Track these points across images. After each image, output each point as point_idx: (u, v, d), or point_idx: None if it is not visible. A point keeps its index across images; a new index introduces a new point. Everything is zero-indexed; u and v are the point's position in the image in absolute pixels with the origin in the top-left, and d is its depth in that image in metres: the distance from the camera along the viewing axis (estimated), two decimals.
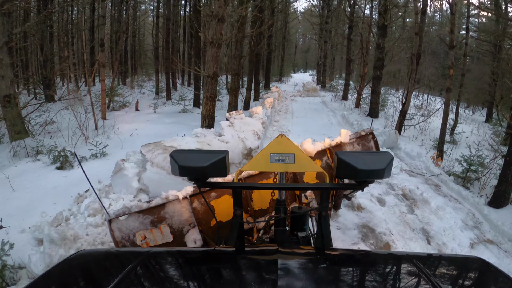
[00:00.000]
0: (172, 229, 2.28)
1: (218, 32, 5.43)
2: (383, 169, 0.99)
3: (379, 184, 4.80)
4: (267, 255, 1.02)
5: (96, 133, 8.48)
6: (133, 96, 15.06)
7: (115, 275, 0.79)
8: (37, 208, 3.99)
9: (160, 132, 7.78)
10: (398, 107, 12.73)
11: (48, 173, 5.64)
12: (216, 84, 6.00)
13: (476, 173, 5.63)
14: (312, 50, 45.66)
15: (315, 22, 23.96)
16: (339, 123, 9.93)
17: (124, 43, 18.39)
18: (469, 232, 3.98)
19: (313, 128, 8.58)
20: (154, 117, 9.20)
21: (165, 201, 2.30)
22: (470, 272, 0.96)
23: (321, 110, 12.35)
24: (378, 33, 10.42)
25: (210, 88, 5.91)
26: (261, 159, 1.28)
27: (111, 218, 2.22)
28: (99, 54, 9.40)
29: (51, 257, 2.99)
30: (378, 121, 10.53)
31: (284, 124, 8.84)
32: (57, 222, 3.71)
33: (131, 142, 7.52)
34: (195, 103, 11.66)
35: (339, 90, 19.85)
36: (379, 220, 3.77)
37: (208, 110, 6.02)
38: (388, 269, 0.96)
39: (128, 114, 10.86)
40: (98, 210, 3.77)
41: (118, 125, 9.01)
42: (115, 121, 9.63)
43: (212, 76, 5.76)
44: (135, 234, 2.22)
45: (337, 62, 27.88)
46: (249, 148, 4.58)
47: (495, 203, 4.71)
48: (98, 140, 6.82)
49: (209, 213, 2.27)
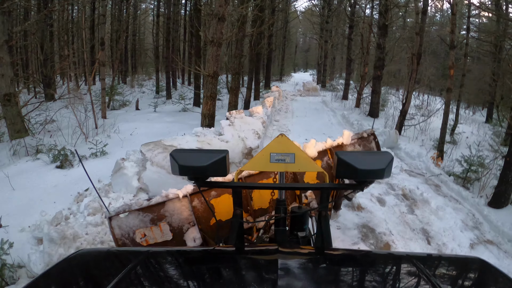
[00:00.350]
0: (172, 227, 2.27)
1: (219, 31, 5.43)
2: (383, 169, 0.99)
3: (379, 184, 4.80)
4: (267, 255, 1.02)
5: (96, 132, 8.48)
6: (133, 95, 15.06)
7: (115, 275, 0.79)
8: (37, 207, 3.98)
9: (160, 131, 7.76)
10: (398, 107, 12.73)
11: (48, 172, 5.63)
12: (216, 83, 5.99)
13: (476, 174, 5.63)
14: (313, 50, 45.61)
15: (315, 21, 23.95)
16: (339, 122, 9.92)
17: (124, 42, 18.39)
18: (469, 233, 3.97)
19: (313, 127, 8.58)
20: (154, 116, 9.20)
21: (165, 199, 2.29)
22: (470, 273, 0.96)
23: (321, 109, 12.35)
24: (379, 33, 10.41)
25: (210, 87, 5.90)
26: (261, 158, 1.29)
27: (111, 215, 2.20)
28: (100, 53, 9.39)
29: (51, 256, 2.99)
30: (378, 121, 10.52)
31: (284, 123, 8.84)
32: (57, 221, 3.71)
33: (131, 141, 7.51)
34: (195, 102, 11.66)
35: (340, 90, 19.82)
36: (379, 220, 3.76)
37: (208, 109, 6.01)
38: (388, 269, 0.96)
39: (128, 113, 10.85)
40: (98, 209, 3.76)
41: (118, 124, 9.00)
42: (115, 120, 9.62)
43: (213, 75, 5.75)
44: (134, 231, 2.22)
45: (337, 62, 27.86)
46: (249, 147, 4.57)
47: (495, 204, 4.71)
48: (98, 139, 6.82)
49: (209, 212, 2.27)
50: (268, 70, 18.57)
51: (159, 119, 8.19)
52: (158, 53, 16.36)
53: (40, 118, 8.66)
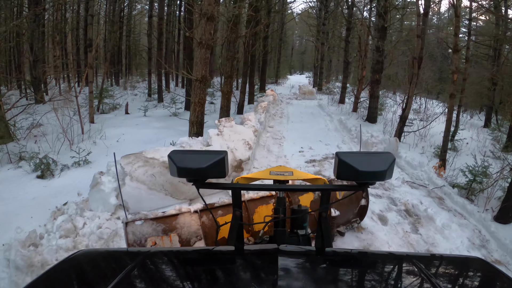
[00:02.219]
0: (181, 238, 2.45)
1: (208, 32, 5.02)
2: (385, 171, 0.96)
3: (380, 199, 4.47)
4: (266, 255, 1.02)
5: (82, 137, 8.09)
6: (125, 97, 14.67)
7: (115, 275, 0.79)
8: (13, 222, 3.73)
9: (148, 137, 7.42)
10: (396, 111, 12.45)
11: (28, 182, 5.36)
12: (205, 88, 5.57)
13: (480, 184, 5.33)
14: (309, 52, 45.58)
15: (312, 23, 23.69)
16: (336, 128, 9.59)
17: (117, 43, 17.96)
18: (476, 253, 3.68)
19: (309, 134, 8.20)
20: (143, 121, 8.82)
21: (178, 212, 2.53)
22: (470, 272, 0.96)
23: (317, 114, 12.00)
24: (378, 35, 10.07)
25: (198, 92, 5.48)
26: (261, 174, 1.42)
27: (128, 221, 2.38)
28: (88, 55, 8.97)
29: (18, 286, 2.69)
30: (376, 126, 10.23)
31: (278, 129, 8.47)
32: (30, 241, 3.37)
33: (117, 148, 7.16)
34: (187, 106, 11.28)
35: (336, 93, 19.59)
36: (381, 242, 3.43)
37: (196, 116, 5.60)
38: (388, 269, 0.95)
39: (117, 117, 10.47)
40: (70, 230, 3.40)
41: (106, 129, 8.63)
42: (103, 124, 9.24)
43: (201, 80, 5.34)
44: (146, 239, 2.37)
45: (333, 64, 27.58)
46: (239, 159, 4.22)
47: (503, 219, 4.41)
48: (82, 147, 6.49)
49: (215, 229, 2.36)
50: (263, 72, 18.22)
51: (147, 124, 7.80)
52: (151, 55, 15.95)
53: (27, 122, 8.31)
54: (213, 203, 2.68)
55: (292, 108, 13.00)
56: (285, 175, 1.36)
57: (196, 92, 5.53)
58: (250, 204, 2.68)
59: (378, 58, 10.13)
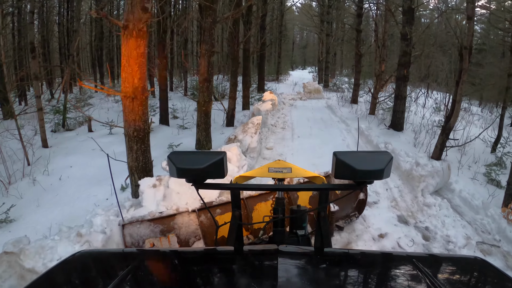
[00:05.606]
0: (179, 239, 2.43)
1: (140, 6, 2.83)
2: (383, 170, 0.93)
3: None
4: (266, 255, 1.01)
5: (23, 173, 6.05)
6: (105, 105, 12.65)
7: (115, 275, 0.78)
8: None
9: (98, 172, 5.41)
10: (420, 113, 10.25)
11: None
12: (141, 108, 3.28)
13: None
14: (311, 46, 43.35)
15: (314, 13, 21.42)
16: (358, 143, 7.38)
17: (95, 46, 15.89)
18: None
19: (324, 158, 5.50)
20: (104, 143, 6.76)
21: (176, 212, 2.49)
22: (470, 272, 0.94)
23: (329, 120, 9.79)
24: (404, 20, 7.83)
25: (131, 117, 3.25)
26: (260, 171, 1.44)
27: (125, 223, 2.36)
28: (31, 62, 6.88)
29: None
30: (404, 136, 8.06)
31: (280, 152, 6.24)
32: None
33: (55, 192, 5.15)
34: (162, 119, 9.17)
35: (344, 90, 17.42)
36: None
37: (135, 159, 3.40)
38: (388, 269, 0.93)
39: (78, 136, 8.45)
40: None
41: (55, 157, 6.61)
42: (56, 150, 7.23)
43: (133, 96, 3.16)
44: (144, 240, 2.34)
45: (338, 58, 25.20)
46: None
47: None
48: (20, 189, 4.57)
49: (214, 228, 1.98)
50: (261, 69, 15.99)
51: (107, 147, 5.71)
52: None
53: None
54: (211, 202, 2.64)
55: (297, 113, 10.81)
56: (283, 172, 1.39)
57: (128, 116, 3.27)
58: (249, 201, 2.68)
59: (405, 49, 7.91)
